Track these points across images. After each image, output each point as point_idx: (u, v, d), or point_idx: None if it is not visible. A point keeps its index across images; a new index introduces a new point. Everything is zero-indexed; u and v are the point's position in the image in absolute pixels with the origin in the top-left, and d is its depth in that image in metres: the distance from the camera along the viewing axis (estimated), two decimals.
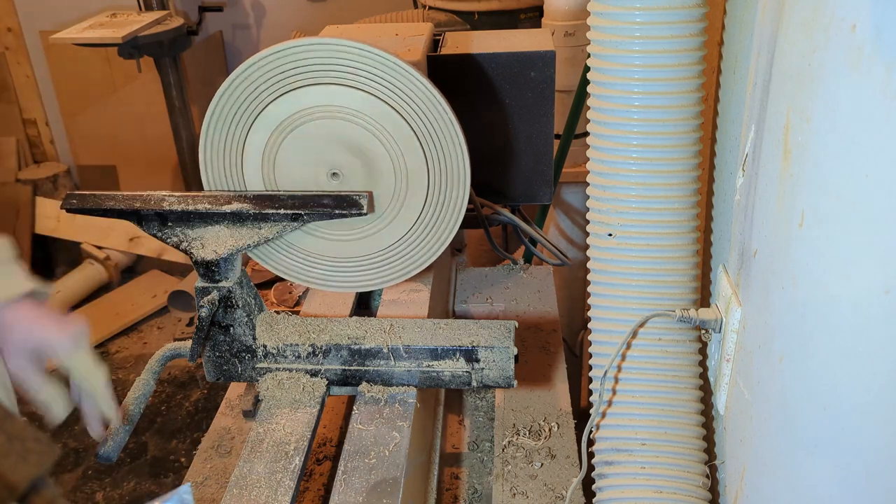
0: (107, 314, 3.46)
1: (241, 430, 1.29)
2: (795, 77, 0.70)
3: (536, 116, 1.45)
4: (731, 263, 0.95)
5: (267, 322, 1.12)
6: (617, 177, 0.97)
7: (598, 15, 0.94)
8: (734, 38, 0.99)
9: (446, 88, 1.16)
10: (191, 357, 1.09)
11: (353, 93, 1.12)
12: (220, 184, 1.20)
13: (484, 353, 1.06)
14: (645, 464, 1.03)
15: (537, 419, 1.25)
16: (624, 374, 1.03)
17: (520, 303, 1.55)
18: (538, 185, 1.52)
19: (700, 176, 0.98)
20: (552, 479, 1.14)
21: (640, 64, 0.92)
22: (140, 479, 2.66)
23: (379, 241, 1.21)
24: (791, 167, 0.72)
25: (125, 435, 1.05)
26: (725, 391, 0.96)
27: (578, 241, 2.56)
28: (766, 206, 0.79)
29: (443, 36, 1.54)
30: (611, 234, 1.00)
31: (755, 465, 0.87)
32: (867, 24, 0.58)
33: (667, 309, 1.00)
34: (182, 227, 1.09)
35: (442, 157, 1.15)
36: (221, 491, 1.16)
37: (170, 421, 2.91)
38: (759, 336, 0.83)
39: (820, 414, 0.72)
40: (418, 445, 1.10)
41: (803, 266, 0.71)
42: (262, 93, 1.13)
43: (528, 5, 2.74)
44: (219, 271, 1.08)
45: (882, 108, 0.58)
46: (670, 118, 0.93)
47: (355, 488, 0.95)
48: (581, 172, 2.23)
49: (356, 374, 1.10)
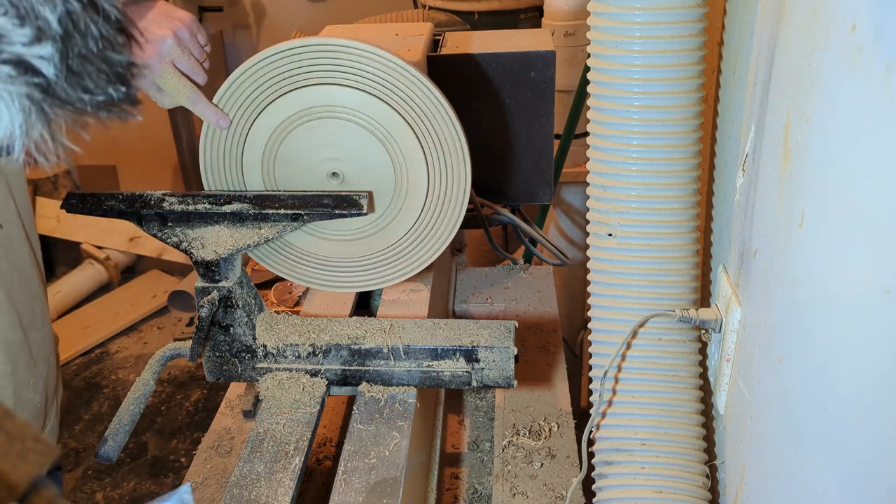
0: (107, 314, 3.46)
1: (241, 430, 1.29)
2: (795, 77, 0.70)
3: (536, 116, 1.45)
4: (731, 263, 0.95)
5: (267, 322, 1.12)
6: (617, 177, 0.97)
7: (598, 15, 0.94)
8: (734, 38, 0.99)
9: (446, 88, 1.16)
10: (191, 357, 1.09)
11: (354, 93, 1.12)
12: (221, 184, 1.20)
13: (484, 353, 1.06)
14: (645, 464, 1.03)
15: (537, 419, 1.25)
16: (624, 374, 1.03)
17: (520, 303, 1.55)
18: (538, 185, 1.52)
19: (700, 176, 0.99)
20: (552, 479, 1.14)
21: (640, 64, 0.92)
22: (140, 479, 2.66)
23: (379, 241, 1.21)
24: (791, 167, 0.72)
25: (125, 435, 1.05)
26: (725, 391, 0.96)
27: (578, 241, 2.56)
28: (766, 206, 0.79)
29: (443, 36, 1.54)
30: (611, 234, 1.00)
31: (755, 465, 0.87)
32: (867, 24, 0.58)
33: (667, 309, 1.00)
34: (182, 227, 1.09)
35: (442, 157, 1.15)
36: (221, 491, 1.16)
37: (170, 421, 2.91)
38: (759, 336, 0.83)
39: (820, 414, 0.72)
40: (418, 445, 1.10)
41: (803, 266, 0.71)
42: (263, 93, 1.13)
43: (528, 5, 2.74)
44: (219, 271, 1.08)
45: (882, 108, 0.58)
46: (670, 118, 0.93)
47: (355, 488, 0.95)
48: (581, 172, 2.23)
49: (356, 374, 1.10)
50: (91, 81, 0.53)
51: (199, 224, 1.09)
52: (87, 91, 0.54)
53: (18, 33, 0.48)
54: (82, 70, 0.53)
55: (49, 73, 0.50)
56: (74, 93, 0.53)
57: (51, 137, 0.54)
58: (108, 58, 0.54)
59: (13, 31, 0.48)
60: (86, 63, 0.53)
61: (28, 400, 1.09)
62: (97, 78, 0.54)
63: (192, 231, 1.09)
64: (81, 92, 0.53)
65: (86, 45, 0.52)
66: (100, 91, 0.54)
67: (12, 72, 0.49)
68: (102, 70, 0.54)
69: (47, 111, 0.52)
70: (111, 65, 0.54)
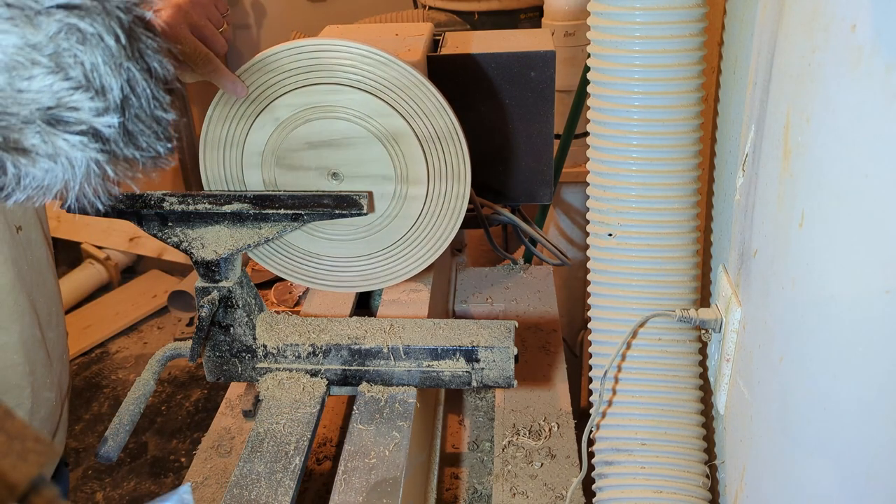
0: (107, 314, 3.46)
1: (241, 430, 1.29)
2: (795, 77, 0.70)
3: (536, 116, 1.45)
4: (731, 263, 0.95)
5: (267, 322, 1.13)
6: (617, 177, 0.97)
7: (598, 15, 0.94)
8: (734, 38, 0.99)
9: (446, 88, 1.16)
10: (191, 357, 1.09)
11: (354, 93, 1.12)
12: (220, 184, 1.20)
13: (484, 353, 1.06)
14: (645, 464, 1.03)
15: (537, 419, 1.25)
16: (624, 374, 1.03)
17: (520, 303, 1.55)
18: (538, 185, 1.52)
19: (700, 176, 0.99)
20: (552, 479, 1.14)
21: (640, 64, 0.92)
22: (140, 479, 2.66)
23: (379, 241, 1.21)
24: (791, 167, 0.72)
25: (125, 435, 1.05)
26: (725, 391, 0.96)
27: (578, 241, 2.56)
28: (766, 206, 0.79)
29: (443, 36, 1.54)
30: (611, 234, 1.00)
31: (755, 465, 0.87)
32: (867, 24, 0.58)
33: (667, 309, 1.00)
34: (182, 227, 1.09)
35: (442, 157, 1.15)
36: (221, 491, 1.16)
37: (170, 421, 2.91)
38: (759, 336, 0.83)
39: (820, 414, 0.72)
40: (418, 445, 1.11)
41: (803, 266, 0.71)
42: (263, 93, 1.13)
43: (528, 5, 2.74)
44: (219, 271, 1.09)
45: (882, 108, 0.58)
46: (670, 118, 0.93)
47: (355, 488, 0.95)
48: (581, 172, 2.23)
49: (356, 374, 1.10)
50: (144, 140, 0.58)
51: (199, 224, 1.09)
52: (139, 149, 0.58)
53: (90, 106, 0.52)
54: (136, 130, 0.57)
55: (111, 136, 0.55)
56: (129, 151, 0.57)
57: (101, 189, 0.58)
58: (158, 117, 0.58)
59: (86, 104, 0.52)
60: (139, 123, 0.57)
61: (45, 398, 1.10)
62: (149, 136, 0.58)
63: (192, 231, 1.09)
64: (135, 150, 0.58)
65: (141, 107, 0.56)
66: (151, 149, 0.59)
67: (84, 140, 0.53)
68: (153, 129, 0.58)
69: (106, 169, 0.56)
70: (160, 123, 0.58)
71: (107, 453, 1.03)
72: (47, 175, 0.54)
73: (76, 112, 0.52)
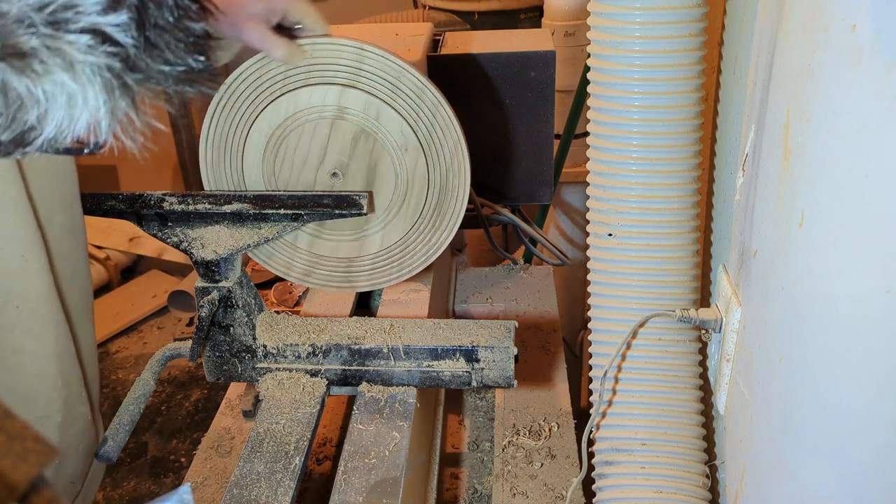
0: (107, 314, 3.45)
1: (241, 430, 1.29)
2: (795, 77, 0.70)
3: (536, 116, 1.45)
4: (731, 263, 0.95)
5: (267, 322, 1.13)
6: (617, 177, 0.97)
7: (598, 15, 0.94)
8: (734, 38, 0.99)
9: (446, 88, 1.16)
10: (191, 357, 1.09)
11: (354, 92, 1.12)
12: (221, 184, 1.20)
13: (484, 353, 1.06)
14: (645, 464, 1.03)
15: (537, 419, 1.25)
16: (624, 374, 1.03)
17: (520, 303, 1.55)
18: (538, 185, 1.52)
19: (700, 176, 0.99)
20: (552, 479, 1.14)
21: (640, 64, 0.92)
22: (140, 479, 2.66)
23: (379, 241, 1.21)
24: (791, 167, 0.72)
25: (125, 435, 1.05)
26: (725, 391, 0.96)
27: (578, 241, 2.56)
28: (766, 206, 0.79)
29: (443, 36, 1.54)
30: (611, 234, 1.00)
31: (755, 465, 0.87)
32: (867, 24, 0.58)
33: (667, 309, 1.00)
34: (182, 227, 1.09)
35: (442, 157, 1.15)
36: (221, 491, 1.16)
37: (170, 421, 2.91)
38: (759, 336, 0.83)
39: (820, 414, 0.72)
40: (418, 445, 1.11)
41: (803, 266, 0.71)
42: (263, 92, 1.13)
43: (528, 5, 2.74)
44: (219, 271, 1.09)
45: (882, 108, 0.58)
46: (670, 118, 0.93)
47: (355, 488, 0.95)
48: (581, 172, 2.23)
49: (356, 374, 1.10)
50: (171, 52, 0.53)
51: (199, 224, 1.09)
52: (167, 62, 0.53)
53: (91, 1, 0.48)
54: (160, 41, 0.53)
55: (127, 42, 0.50)
56: (155, 65, 0.53)
57: (136, 115, 0.54)
58: (186, 27, 0.54)
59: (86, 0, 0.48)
60: (163, 33, 0.53)
61: (80, 413, 1.07)
62: (176, 48, 0.54)
63: (192, 231, 1.09)
64: (162, 64, 0.53)
65: (162, 15, 0.52)
66: (180, 62, 0.54)
67: (90, 41, 0.49)
68: (181, 40, 0.54)
69: (130, 84, 0.52)
70: (189, 34, 0.54)
71: (107, 453, 1.03)
72: (63, 91, 0.49)
73: (74, 9, 0.48)
